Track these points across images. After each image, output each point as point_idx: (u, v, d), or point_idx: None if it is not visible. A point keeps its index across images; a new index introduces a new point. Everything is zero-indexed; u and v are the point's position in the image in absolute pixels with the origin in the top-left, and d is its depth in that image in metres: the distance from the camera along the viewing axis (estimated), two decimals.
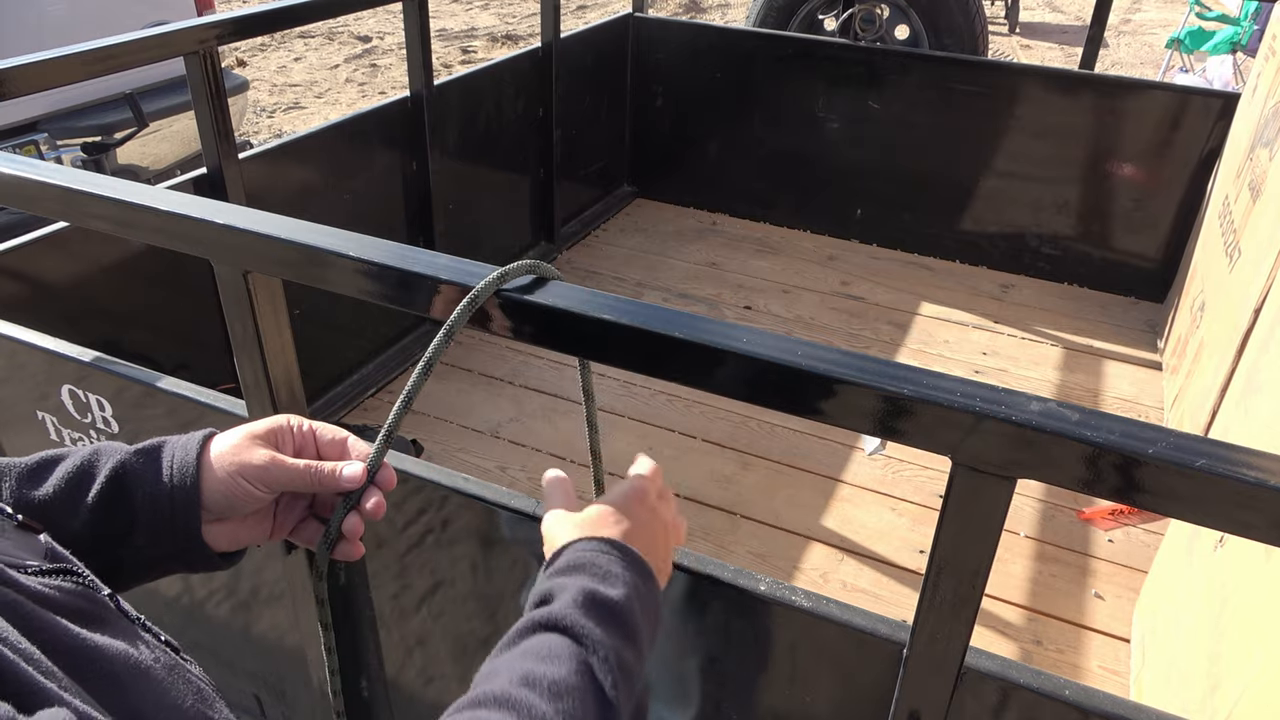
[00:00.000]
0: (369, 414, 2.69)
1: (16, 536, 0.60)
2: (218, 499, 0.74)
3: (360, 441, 0.80)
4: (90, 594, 0.59)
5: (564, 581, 0.68)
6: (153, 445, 0.76)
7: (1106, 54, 7.70)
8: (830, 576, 2.18)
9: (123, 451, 0.75)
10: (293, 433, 0.79)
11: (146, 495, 0.73)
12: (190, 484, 0.73)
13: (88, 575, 0.60)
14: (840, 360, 0.75)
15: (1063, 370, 2.99)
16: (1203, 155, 3.08)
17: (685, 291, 3.38)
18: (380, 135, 2.68)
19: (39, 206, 1.08)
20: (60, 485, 0.73)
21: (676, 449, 2.58)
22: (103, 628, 0.55)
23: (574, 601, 0.65)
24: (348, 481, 0.77)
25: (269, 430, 0.78)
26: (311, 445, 0.80)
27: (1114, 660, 1.99)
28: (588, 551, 0.71)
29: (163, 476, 0.74)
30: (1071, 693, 0.86)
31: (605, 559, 0.70)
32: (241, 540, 0.78)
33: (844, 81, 3.50)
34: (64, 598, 0.55)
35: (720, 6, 9.24)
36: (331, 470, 0.77)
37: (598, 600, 0.66)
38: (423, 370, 0.79)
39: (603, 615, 0.65)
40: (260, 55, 7.40)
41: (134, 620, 0.62)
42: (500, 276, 0.82)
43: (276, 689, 1.54)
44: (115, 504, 0.73)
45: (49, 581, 0.56)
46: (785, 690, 1.04)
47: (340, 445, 0.80)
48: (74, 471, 0.74)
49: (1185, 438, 0.67)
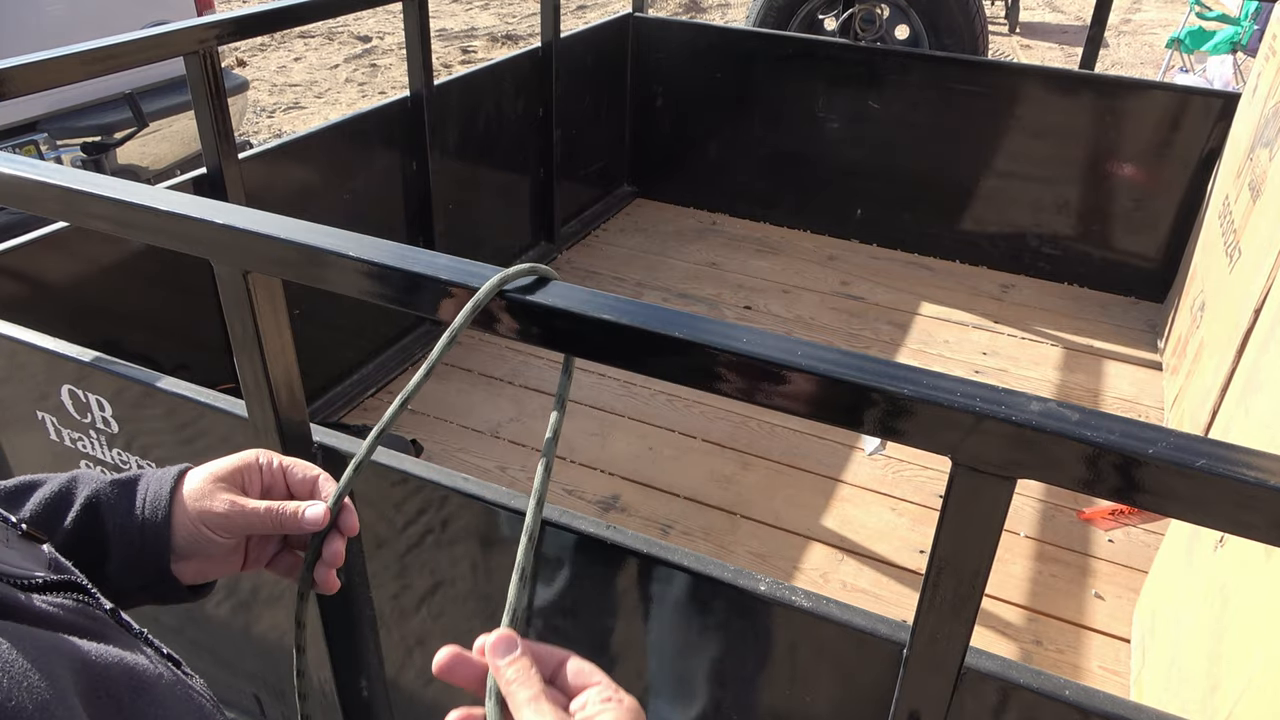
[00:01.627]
0: (369, 414, 2.69)
1: (21, 546, 0.60)
2: (184, 540, 0.74)
3: (331, 481, 0.79)
4: (91, 610, 0.59)
5: None
6: (129, 478, 0.76)
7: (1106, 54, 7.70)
8: (830, 576, 2.18)
9: (99, 481, 0.75)
10: (261, 470, 0.78)
11: (118, 527, 0.73)
12: (161, 520, 0.73)
13: (90, 589, 0.60)
14: (840, 360, 0.75)
15: (1063, 370, 2.99)
16: (1203, 155, 3.08)
17: (685, 291, 3.38)
18: (380, 135, 2.68)
19: (39, 206, 1.08)
20: (38, 510, 0.73)
21: (676, 449, 2.58)
22: (106, 643, 0.55)
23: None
24: (309, 523, 0.75)
25: (234, 470, 0.77)
26: (281, 482, 0.79)
27: (1114, 660, 1.99)
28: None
29: (135, 510, 0.74)
30: (1071, 693, 0.86)
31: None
32: (210, 574, 0.77)
33: (844, 81, 3.50)
34: (67, 616, 0.55)
35: (720, 6, 9.24)
36: (294, 512, 0.75)
37: None
38: (423, 375, 0.78)
39: None
40: (260, 55, 7.40)
41: (136, 635, 0.62)
42: (502, 278, 0.82)
43: (276, 689, 1.54)
44: (88, 532, 0.73)
45: (52, 599, 0.56)
46: (785, 690, 1.04)
47: (310, 484, 0.78)
48: (51, 497, 0.74)
49: (1185, 438, 0.67)
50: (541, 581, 1.11)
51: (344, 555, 0.77)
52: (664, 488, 2.43)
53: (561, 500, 2.37)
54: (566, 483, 2.44)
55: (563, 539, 1.06)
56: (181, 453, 1.29)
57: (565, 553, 1.07)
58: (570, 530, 1.04)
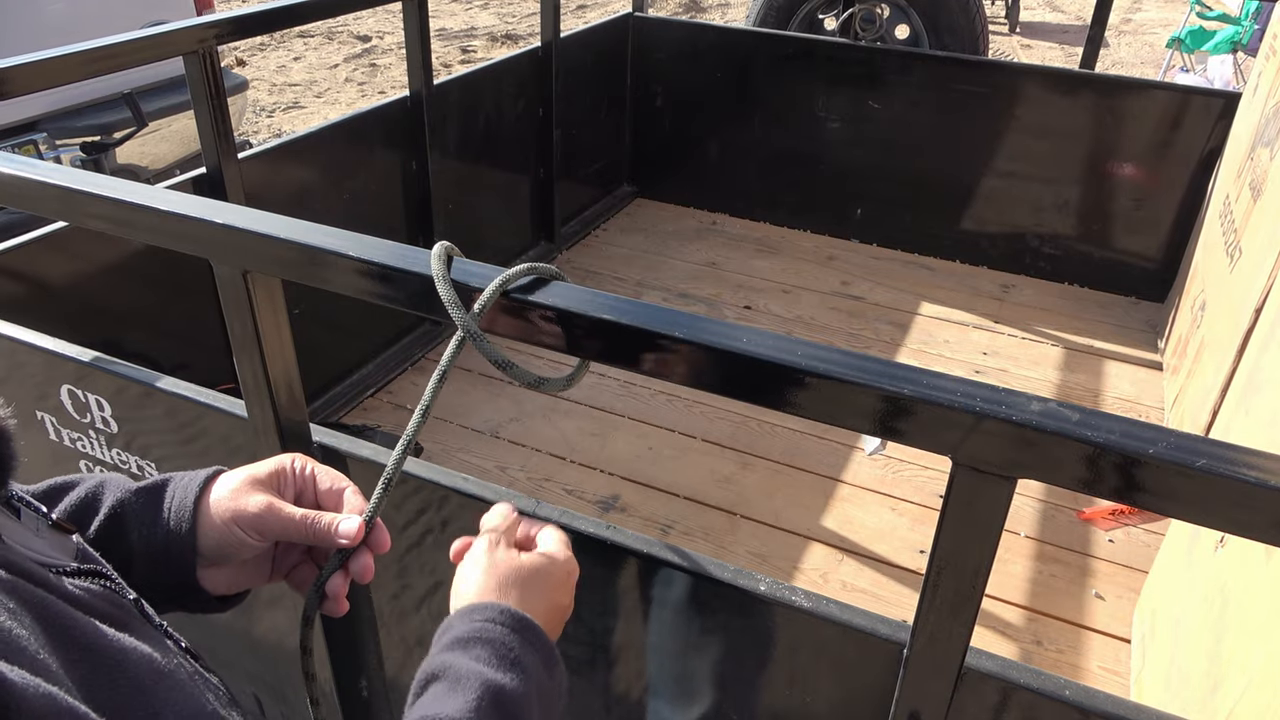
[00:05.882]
0: (369, 414, 2.69)
1: (50, 536, 0.60)
2: (212, 546, 0.73)
3: (357, 495, 0.78)
4: (117, 597, 0.59)
5: (462, 665, 0.64)
6: (156, 484, 0.75)
7: (1107, 54, 7.70)
8: (830, 576, 2.17)
9: (125, 489, 0.75)
10: (294, 476, 0.77)
11: (142, 537, 0.72)
12: (186, 530, 0.72)
13: (115, 578, 0.61)
14: (840, 360, 0.75)
15: (1063, 370, 2.99)
16: (1203, 155, 3.08)
17: (685, 291, 3.38)
18: (380, 135, 2.68)
19: (39, 206, 1.07)
20: (66, 515, 0.72)
21: (676, 449, 2.57)
22: (129, 631, 0.55)
23: (474, 707, 0.61)
24: (343, 537, 0.74)
25: (271, 474, 0.76)
26: (311, 490, 0.78)
27: (1114, 660, 1.99)
28: (495, 626, 0.67)
29: (160, 519, 0.73)
30: (1071, 693, 0.86)
31: (513, 639, 0.67)
32: (241, 584, 0.77)
33: (844, 81, 3.50)
34: (93, 600, 0.56)
35: (720, 6, 9.24)
36: (329, 524, 0.75)
37: (500, 702, 0.62)
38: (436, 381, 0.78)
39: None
40: (260, 55, 7.40)
41: (157, 626, 0.62)
42: (504, 279, 0.82)
43: (276, 689, 1.54)
44: (113, 541, 0.72)
45: (79, 583, 0.57)
46: (785, 690, 1.04)
47: (337, 496, 0.78)
48: (79, 503, 0.73)
49: (1185, 438, 0.67)
50: None
51: (373, 573, 0.76)
52: (664, 488, 2.43)
53: (561, 500, 2.37)
54: (566, 483, 2.44)
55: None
56: (181, 453, 1.29)
57: None
58: (570, 530, 1.04)
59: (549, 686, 0.68)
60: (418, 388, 2.80)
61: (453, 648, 0.66)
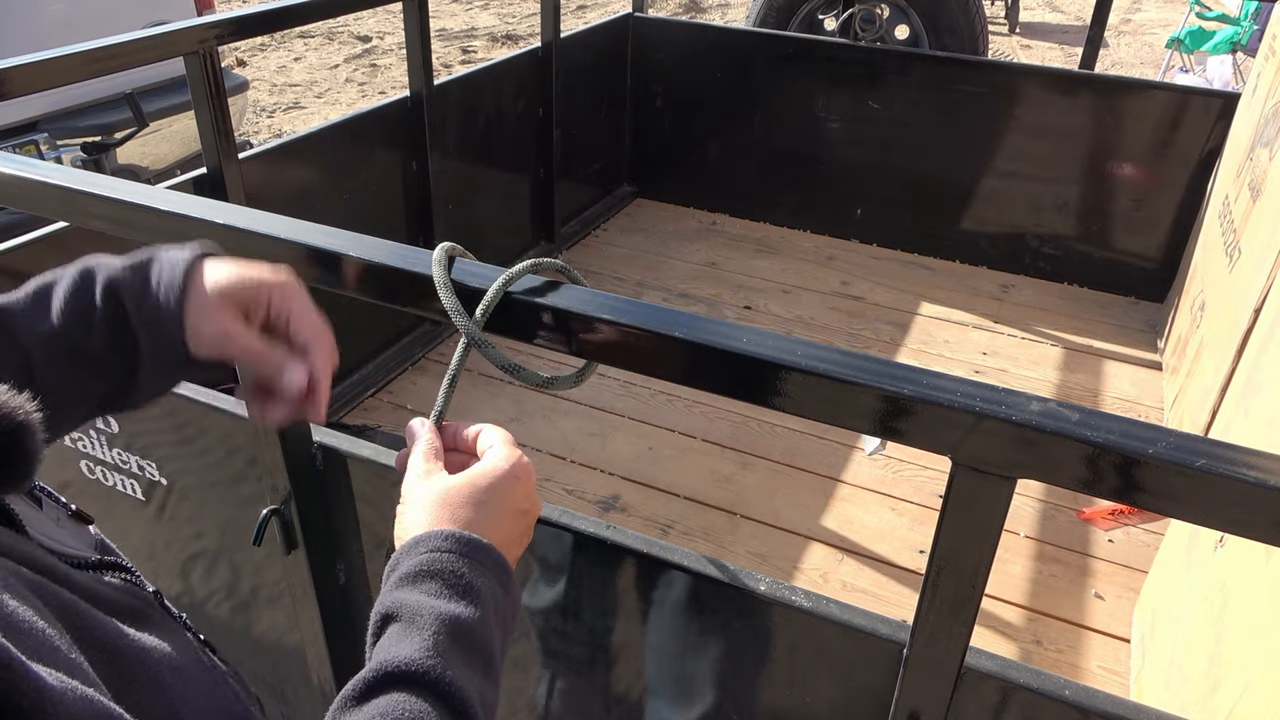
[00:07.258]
0: (369, 414, 2.69)
1: (70, 526, 0.60)
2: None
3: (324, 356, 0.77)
4: (136, 591, 0.59)
5: (414, 602, 0.61)
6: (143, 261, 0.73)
7: (1106, 54, 7.70)
8: (830, 576, 2.18)
9: (111, 267, 0.73)
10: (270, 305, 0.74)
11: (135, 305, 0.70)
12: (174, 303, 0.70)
13: (135, 571, 0.61)
14: (840, 360, 0.75)
15: (1063, 370, 2.99)
16: (1203, 155, 3.08)
17: (685, 291, 3.38)
18: (380, 135, 2.68)
19: (39, 206, 1.08)
20: (64, 311, 0.70)
21: (676, 449, 2.58)
22: (148, 626, 0.55)
23: (432, 645, 0.58)
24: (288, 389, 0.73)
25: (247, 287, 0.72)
26: (283, 326, 0.75)
27: (1114, 660, 1.99)
28: (442, 555, 0.64)
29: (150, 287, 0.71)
30: (1071, 693, 0.86)
31: (462, 565, 0.63)
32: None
33: (844, 81, 3.50)
34: (114, 595, 0.56)
35: (720, 6, 9.24)
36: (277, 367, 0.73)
37: (458, 634, 0.59)
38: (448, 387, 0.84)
39: (465, 655, 0.59)
40: (260, 55, 7.40)
41: (176, 618, 0.62)
42: (506, 279, 0.82)
43: (276, 689, 1.54)
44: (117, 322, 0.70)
45: (99, 578, 0.57)
46: (785, 690, 1.04)
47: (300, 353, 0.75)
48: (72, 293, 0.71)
49: (1185, 438, 0.67)
50: (542, 581, 1.11)
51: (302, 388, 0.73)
52: (664, 488, 2.43)
53: (561, 500, 2.37)
54: (566, 483, 2.44)
55: (562, 539, 1.06)
56: (181, 453, 1.29)
57: (565, 553, 1.07)
58: (570, 530, 1.04)
59: (505, 603, 0.65)
60: (418, 387, 2.80)
61: (403, 584, 0.62)
